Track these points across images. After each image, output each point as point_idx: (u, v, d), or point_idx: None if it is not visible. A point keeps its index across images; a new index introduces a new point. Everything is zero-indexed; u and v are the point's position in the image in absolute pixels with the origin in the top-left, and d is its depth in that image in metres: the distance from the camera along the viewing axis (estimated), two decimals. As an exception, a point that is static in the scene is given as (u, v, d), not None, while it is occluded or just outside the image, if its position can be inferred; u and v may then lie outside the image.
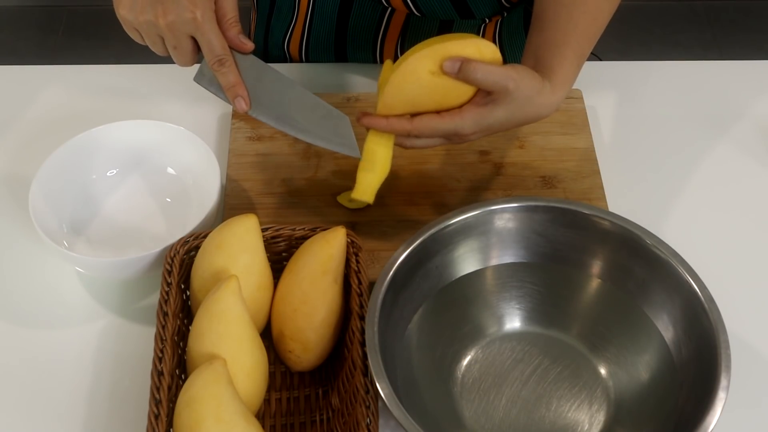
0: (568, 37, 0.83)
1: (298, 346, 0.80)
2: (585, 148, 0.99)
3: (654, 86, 1.09)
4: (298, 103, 0.85)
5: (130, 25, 0.81)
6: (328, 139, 0.84)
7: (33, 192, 0.87)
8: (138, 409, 0.81)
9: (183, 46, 0.80)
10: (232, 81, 0.82)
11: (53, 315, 0.89)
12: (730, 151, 1.03)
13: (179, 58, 0.82)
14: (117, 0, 0.80)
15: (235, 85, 0.82)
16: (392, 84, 0.79)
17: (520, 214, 0.82)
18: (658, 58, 1.15)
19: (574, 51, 0.83)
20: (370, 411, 0.72)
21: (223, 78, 0.82)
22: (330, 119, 0.85)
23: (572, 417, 0.80)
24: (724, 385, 0.70)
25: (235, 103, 0.82)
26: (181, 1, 0.77)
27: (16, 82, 1.09)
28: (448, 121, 0.79)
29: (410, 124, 0.79)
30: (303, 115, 0.84)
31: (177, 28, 0.78)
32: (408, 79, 0.78)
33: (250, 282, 0.79)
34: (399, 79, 0.79)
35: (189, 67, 1.11)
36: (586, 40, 0.84)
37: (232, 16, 0.81)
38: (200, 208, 0.88)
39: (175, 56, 0.82)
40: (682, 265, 0.77)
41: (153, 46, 0.82)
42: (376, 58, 1.10)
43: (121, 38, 0.90)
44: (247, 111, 0.83)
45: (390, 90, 0.79)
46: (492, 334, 0.85)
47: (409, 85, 0.79)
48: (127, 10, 0.79)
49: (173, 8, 0.77)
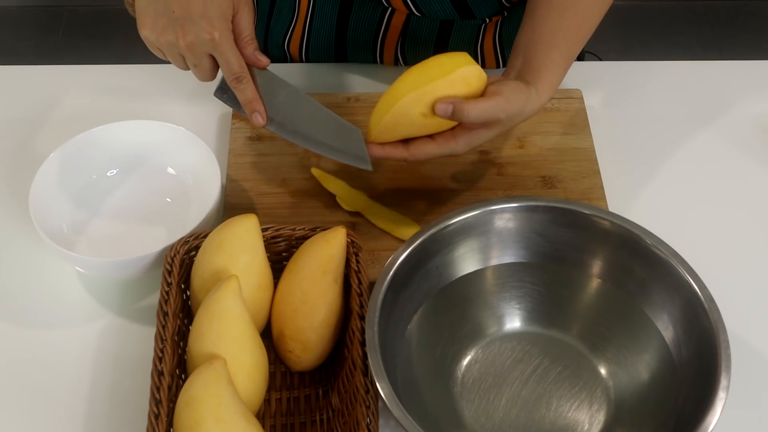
0: (557, 39, 0.85)
1: (298, 346, 0.80)
2: (585, 148, 0.99)
3: (654, 86, 1.09)
4: (311, 116, 0.88)
5: (152, 45, 0.84)
6: (340, 152, 0.87)
7: (33, 192, 0.87)
8: (138, 408, 0.81)
9: (203, 64, 0.83)
10: (250, 97, 0.84)
11: (53, 315, 0.89)
12: (730, 151, 1.03)
13: (200, 74, 0.85)
14: (140, 22, 0.82)
15: (252, 100, 0.84)
16: (386, 124, 0.83)
17: (520, 214, 0.83)
18: (658, 58, 1.15)
19: (561, 54, 0.85)
20: (370, 411, 0.72)
21: (241, 94, 0.84)
22: (342, 132, 0.88)
23: (572, 417, 0.80)
24: (724, 385, 0.70)
25: (253, 118, 0.85)
26: (199, 23, 0.80)
27: (16, 82, 1.10)
28: (443, 145, 0.83)
29: (407, 152, 0.84)
30: (316, 128, 0.87)
31: (196, 48, 0.81)
32: (401, 121, 0.82)
33: (250, 282, 0.79)
34: (392, 121, 0.82)
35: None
36: (575, 41, 0.87)
37: (248, 34, 0.84)
38: (200, 208, 0.88)
39: (196, 73, 0.85)
40: (682, 265, 0.77)
41: (175, 63, 0.85)
42: (376, 59, 1.10)
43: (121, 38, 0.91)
44: (263, 125, 0.85)
45: (384, 129, 0.83)
46: (492, 334, 0.85)
47: (402, 126, 0.83)
48: (149, 32, 0.82)
49: (192, 30, 0.80)
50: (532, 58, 0.85)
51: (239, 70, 0.83)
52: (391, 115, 0.82)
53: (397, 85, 0.83)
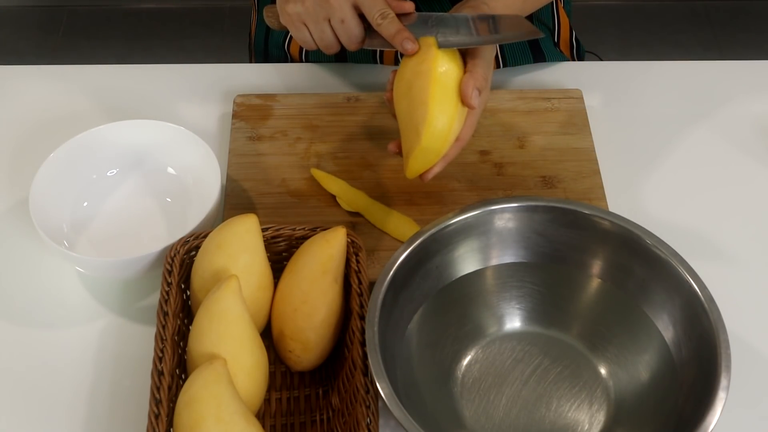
0: None
1: (299, 345, 0.80)
2: (585, 148, 0.99)
3: (654, 86, 1.09)
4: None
5: (298, 18, 0.87)
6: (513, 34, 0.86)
7: (33, 192, 0.87)
8: (138, 408, 0.81)
9: (348, 18, 0.85)
10: (393, 31, 0.85)
11: (53, 315, 0.89)
12: (730, 151, 1.03)
13: (346, 32, 0.87)
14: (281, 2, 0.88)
15: (398, 32, 0.84)
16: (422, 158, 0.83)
17: (520, 214, 0.83)
18: (658, 58, 1.15)
19: None
20: (370, 411, 0.72)
21: (386, 30, 0.85)
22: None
23: (572, 417, 0.80)
24: (724, 385, 0.70)
25: (404, 45, 0.84)
26: None
27: (16, 82, 1.10)
28: (475, 117, 0.85)
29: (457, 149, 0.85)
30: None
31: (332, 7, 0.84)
32: (435, 146, 0.82)
33: (250, 282, 0.79)
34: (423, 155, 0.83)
35: (189, 67, 1.11)
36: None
37: None
38: (200, 207, 0.88)
39: (342, 32, 0.87)
40: (682, 265, 0.77)
41: (321, 34, 0.87)
42: (376, 57, 1.10)
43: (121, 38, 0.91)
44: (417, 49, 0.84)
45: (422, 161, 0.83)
46: (492, 334, 0.85)
47: (437, 148, 0.82)
48: (292, 5, 0.86)
49: None
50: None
51: (383, 7, 0.84)
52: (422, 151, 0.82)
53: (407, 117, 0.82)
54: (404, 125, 0.83)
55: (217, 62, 1.11)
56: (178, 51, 2.24)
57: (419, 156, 0.82)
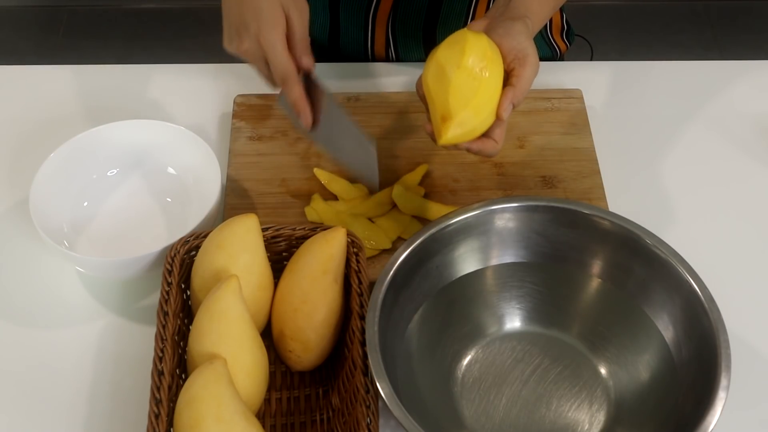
0: None
1: (299, 345, 0.80)
2: (585, 148, 0.99)
3: (654, 86, 1.09)
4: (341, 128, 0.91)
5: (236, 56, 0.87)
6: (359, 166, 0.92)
7: (33, 192, 0.87)
8: (138, 408, 0.81)
9: (262, 70, 0.86)
10: (293, 98, 0.86)
11: (53, 315, 0.89)
12: (730, 151, 1.03)
13: (264, 81, 0.87)
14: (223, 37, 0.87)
15: (296, 101, 0.86)
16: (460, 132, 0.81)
17: (520, 214, 0.83)
18: (658, 58, 1.14)
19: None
20: (370, 411, 0.72)
21: (286, 96, 0.86)
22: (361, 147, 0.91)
23: (572, 417, 0.80)
24: (724, 385, 0.70)
25: (300, 118, 0.87)
26: (250, 29, 0.83)
27: (16, 82, 1.10)
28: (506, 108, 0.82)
29: (496, 143, 0.83)
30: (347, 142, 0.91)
31: (252, 54, 0.84)
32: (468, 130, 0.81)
33: (250, 282, 0.79)
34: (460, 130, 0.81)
35: (189, 67, 1.11)
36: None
37: (298, 36, 0.85)
38: (200, 207, 0.88)
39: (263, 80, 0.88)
40: (682, 265, 0.77)
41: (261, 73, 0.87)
42: (368, 35, 1.10)
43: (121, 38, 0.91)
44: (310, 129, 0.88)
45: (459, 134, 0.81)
46: (492, 334, 0.85)
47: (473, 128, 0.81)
48: (226, 44, 0.86)
49: (246, 37, 0.84)
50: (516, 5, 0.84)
51: (283, 71, 0.84)
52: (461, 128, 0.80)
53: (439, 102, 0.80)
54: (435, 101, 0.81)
55: (217, 62, 1.11)
56: (178, 51, 2.24)
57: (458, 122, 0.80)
